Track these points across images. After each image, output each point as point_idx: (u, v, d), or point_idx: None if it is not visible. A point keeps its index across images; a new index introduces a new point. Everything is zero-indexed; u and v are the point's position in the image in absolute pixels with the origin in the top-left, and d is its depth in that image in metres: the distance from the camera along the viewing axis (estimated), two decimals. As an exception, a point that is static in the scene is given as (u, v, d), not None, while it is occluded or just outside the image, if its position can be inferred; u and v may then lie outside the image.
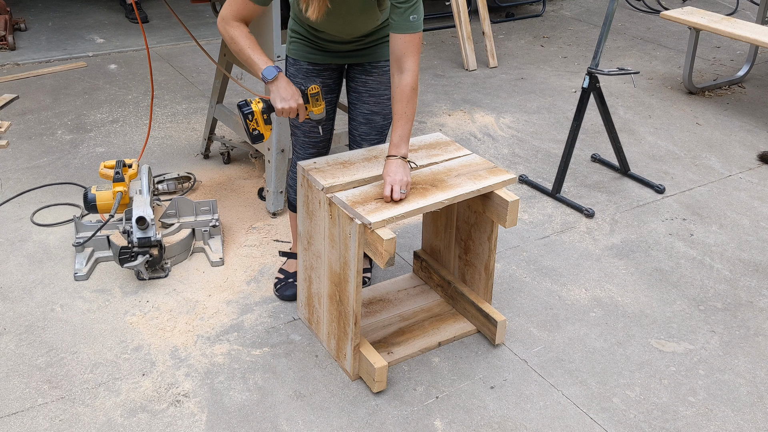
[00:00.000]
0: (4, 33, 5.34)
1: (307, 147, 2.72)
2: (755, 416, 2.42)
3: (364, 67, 2.64)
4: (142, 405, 2.38)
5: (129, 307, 2.82)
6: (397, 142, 2.38)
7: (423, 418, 2.37)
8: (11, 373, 2.49)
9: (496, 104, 4.72)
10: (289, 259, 2.95)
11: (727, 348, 2.71)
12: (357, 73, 2.66)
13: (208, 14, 6.16)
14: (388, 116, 2.70)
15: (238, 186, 3.67)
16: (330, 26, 2.49)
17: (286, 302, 2.86)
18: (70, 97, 4.63)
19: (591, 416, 2.39)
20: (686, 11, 4.84)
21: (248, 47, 2.39)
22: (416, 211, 2.31)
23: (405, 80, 2.36)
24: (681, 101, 4.82)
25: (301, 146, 2.73)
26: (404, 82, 2.36)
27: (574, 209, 3.55)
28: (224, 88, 3.69)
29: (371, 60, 2.62)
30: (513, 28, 6.28)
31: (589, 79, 3.52)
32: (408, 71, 2.36)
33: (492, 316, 2.62)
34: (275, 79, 2.38)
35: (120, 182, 2.99)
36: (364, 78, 2.64)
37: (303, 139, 2.71)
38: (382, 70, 2.63)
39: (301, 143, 2.73)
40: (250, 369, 2.54)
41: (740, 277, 3.10)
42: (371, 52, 2.62)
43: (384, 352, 2.57)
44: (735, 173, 3.94)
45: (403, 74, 2.37)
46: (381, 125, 2.71)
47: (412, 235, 3.32)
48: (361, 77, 2.65)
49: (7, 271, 3.00)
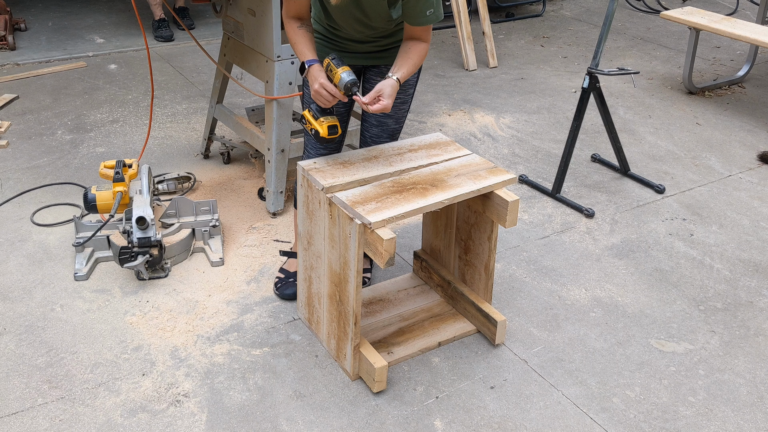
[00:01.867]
0: (4, 33, 5.34)
1: (318, 147, 2.74)
2: (755, 416, 2.42)
3: (380, 70, 2.69)
4: (142, 405, 2.38)
5: (129, 307, 2.82)
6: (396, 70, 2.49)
7: (423, 418, 2.37)
8: (11, 373, 2.49)
9: (496, 104, 4.72)
10: (289, 259, 2.95)
11: (727, 348, 2.71)
12: (373, 75, 2.71)
13: (209, 14, 6.16)
14: (400, 120, 2.76)
15: (238, 186, 3.67)
16: (346, 21, 2.54)
17: (286, 302, 2.86)
18: (70, 97, 4.63)
19: (591, 416, 2.39)
20: (686, 11, 4.84)
21: (296, 43, 2.54)
22: (416, 211, 2.31)
23: (423, 44, 2.54)
24: (681, 101, 4.82)
25: (313, 146, 2.76)
26: (422, 45, 2.53)
27: (574, 209, 3.55)
28: (224, 88, 3.69)
29: (388, 63, 2.67)
30: (513, 28, 6.28)
31: (589, 79, 3.52)
32: (422, 41, 2.53)
33: (492, 316, 2.62)
34: (307, 72, 2.49)
35: (120, 182, 2.99)
36: (380, 80, 2.64)
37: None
38: None
39: (312, 143, 2.76)
40: (250, 369, 2.54)
41: (740, 277, 3.10)
42: (388, 54, 2.67)
43: (384, 352, 2.57)
44: (735, 173, 3.94)
45: (417, 40, 2.53)
46: (392, 128, 2.76)
47: (412, 235, 3.33)
48: (376, 79, 2.66)
49: (7, 271, 3.00)
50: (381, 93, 2.41)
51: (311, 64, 2.48)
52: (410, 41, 2.53)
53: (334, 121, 2.54)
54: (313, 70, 2.47)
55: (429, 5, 2.43)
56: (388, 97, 2.41)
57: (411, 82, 2.73)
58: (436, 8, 2.46)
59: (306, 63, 2.49)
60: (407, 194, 2.37)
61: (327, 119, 2.53)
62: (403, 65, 2.51)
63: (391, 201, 2.32)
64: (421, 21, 2.46)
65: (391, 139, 2.77)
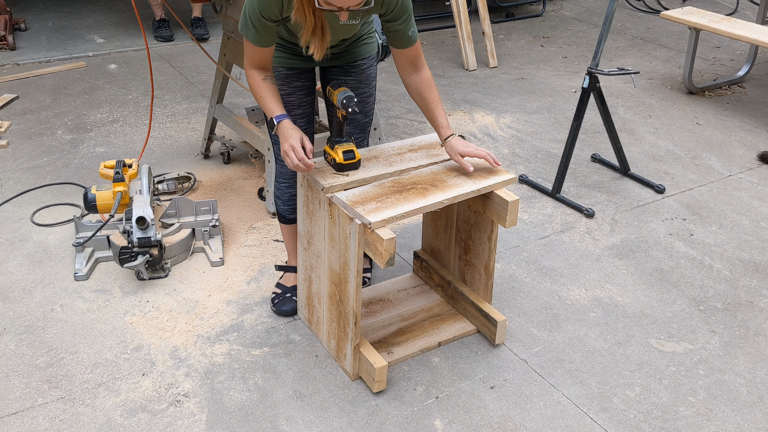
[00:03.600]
0: (4, 33, 5.34)
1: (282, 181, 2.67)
2: (755, 416, 2.42)
3: (343, 68, 2.63)
4: (142, 405, 2.38)
5: (129, 307, 2.82)
6: (446, 123, 2.50)
7: (423, 418, 2.37)
8: (11, 373, 2.49)
9: (496, 104, 4.72)
10: (285, 273, 2.89)
11: (727, 348, 2.71)
12: (335, 74, 2.64)
13: (208, 14, 6.16)
14: (369, 113, 2.70)
15: (238, 186, 3.67)
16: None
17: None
18: (70, 97, 4.63)
19: (591, 416, 2.39)
20: (686, 11, 4.84)
21: (261, 97, 2.43)
22: (416, 211, 2.31)
23: (425, 74, 2.50)
24: (681, 101, 4.82)
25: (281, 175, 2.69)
26: (425, 76, 2.50)
27: (574, 209, 3.55)
28: (224, 88, 3.69)
29: (350, 61, 2.61)
30: (513, 28, 6.28)
31: (589, 79, 3.52)
32: (422, 67, 2.50)
33: (492, 315, 2.62)
34: (276, 128, 2.39)
35: (120, 182, 2.99)
36: (344, 78, 2.62)
37: None
38: (360, 69, 2.62)
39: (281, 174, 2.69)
40: (250, 369, 2.54)
41: (740, 277, 3.10)
42: (350, 53, 2.60)
43: (384, 352, 2.57)
44: (735, 173, 3.94)
45: (420, 71, 2.50)
46: (363, 123, 2.71)
47: (412, 235, 3.33)
48: (340, 78, 2.62)
49: (7, 271, 3.00)
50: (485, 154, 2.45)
51: (280, 120, 2.37)
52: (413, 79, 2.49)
53: (350, 146, 2.47)
54: (283, 127, 2.36)
55: (410, 25, 2.41)
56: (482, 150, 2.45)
57: (372, 75, 2.67)
58: (415, 28, 2.45)
59: (275, 119, 2.38)
60: (407, 194, 2.37)
61: (342, 145, 2.47)
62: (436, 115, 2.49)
63: (391, 201, 2.32)
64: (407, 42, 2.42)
65: (363, 134, 2.72)
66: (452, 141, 2.47)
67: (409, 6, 2.38)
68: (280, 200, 2.74)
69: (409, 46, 2.45)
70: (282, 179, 2.69)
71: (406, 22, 2.38)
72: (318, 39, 2.30)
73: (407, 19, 2.38)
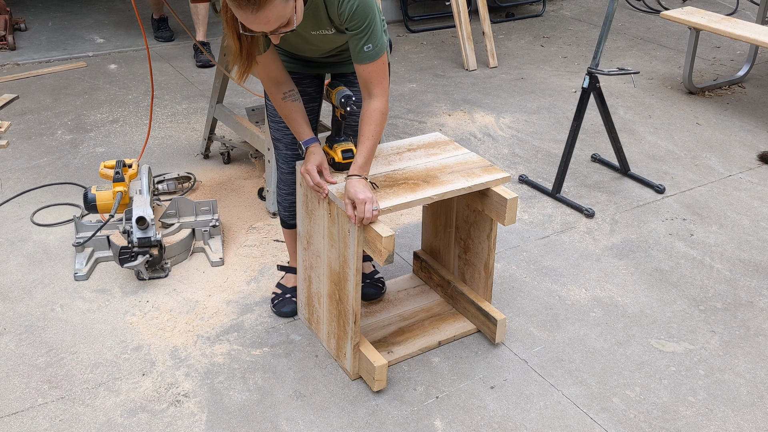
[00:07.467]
0: (4, 33, 5.34)
1: (290, 161, 2.61)
2: (755, 416, 2.42)
3: (348, 78, 2.57)
4: (142, 405, 2.38)
5: (129, 307, 2.82)
6: (362, 163, 2.29)
7: (423, 418, 2.37)
8: (11, 373, 2.49)
9: (496, 104, 4.72)
10: (287, 274, 2.88)
11: (727, 348, 2.71)
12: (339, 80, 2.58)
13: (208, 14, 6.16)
14: None
15: (238, 186, 3.67)
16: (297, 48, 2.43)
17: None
18: (70, 97, 4.63)
19: (591, 416, 2.39)
20: (686, 11, 4.84)
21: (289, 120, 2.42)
22: (403, 205, 2.29)
23: (374, 105, 2.31)
24: (681, 101, 4.82)
25: (284, 160, 2.63)
26: (372, 107, 2.31)
27: (574, 209, 3.55)
28: (224, 88, 3.69)
29: (353, 70, 2.52)
30: (513, 28, 6.29)
31: (589, 79, 3.52)
32: (376, 97, 2.31)
33: (492, 314, 2.62)
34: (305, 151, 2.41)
35: (120, 182, 2.99)
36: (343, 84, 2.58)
37: (285, 152, 2.61)
38: None
39: (283, 157, 2.62)
40: (250, 369, 2.54)
41: (740, 277, 3.10)
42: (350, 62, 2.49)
43: (384, 351, 2.57)
44: (735, 173, 3.94)
45: (372, 99, 2.32)
46: None
47: (411, 236, 3.33)
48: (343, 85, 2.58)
49: (7, 271, 3.00)
50: (353, 200, 2.20)
51: (308, 145, 2.38)
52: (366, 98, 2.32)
53: (348, 145, 2.46)
54: (308, 152, 2.37)
55: (367, 39, 2.21)
56: (369, 197, 2.19)
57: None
58: (376, 44, 2.23)
59: (303, 144, 2.39)
60: (397, 189, 2.36)
61: (341, 144, 2.46)
62: (360, 150, 2.29)
63: (380, 195, 2.32)
64: (359, 58, 2.25)
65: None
66: (350, 180, 2.25)
67: (369, 18, 2.20)
68: (281, 206, 2.73)
69: (360, 63, 2.26)
70: (283, 185, 2.68)
71: (360, 35, 2.21)
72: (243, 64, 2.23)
73: (363, 31, 2.20)
